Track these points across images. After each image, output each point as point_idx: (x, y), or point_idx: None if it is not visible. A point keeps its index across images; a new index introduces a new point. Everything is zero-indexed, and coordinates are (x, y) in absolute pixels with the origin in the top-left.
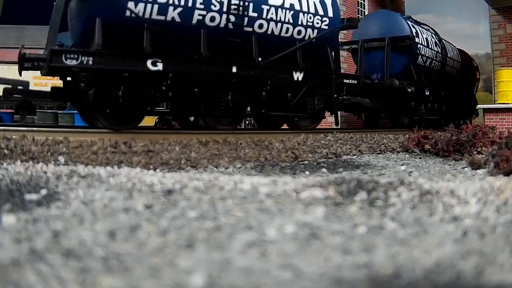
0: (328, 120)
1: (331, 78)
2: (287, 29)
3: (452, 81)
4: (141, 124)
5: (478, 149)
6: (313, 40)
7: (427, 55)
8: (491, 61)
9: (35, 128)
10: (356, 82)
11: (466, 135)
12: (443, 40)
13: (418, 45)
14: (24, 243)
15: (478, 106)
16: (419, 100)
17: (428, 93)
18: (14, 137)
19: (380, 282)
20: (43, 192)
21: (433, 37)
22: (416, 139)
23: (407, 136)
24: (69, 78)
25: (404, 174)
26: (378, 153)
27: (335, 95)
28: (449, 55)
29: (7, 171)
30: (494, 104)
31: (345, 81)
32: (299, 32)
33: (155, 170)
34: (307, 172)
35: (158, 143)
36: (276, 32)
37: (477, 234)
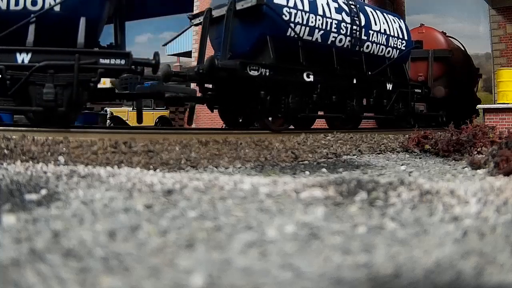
0: None
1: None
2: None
3: (390, 69)
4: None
5: (478, 149)
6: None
7: (310, 24)
8: (491, 61)
9: (35, 128)
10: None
11: (466, 135)
12: (367, 8)
13: (284, 8)
14: (24, 243)
15: (478, 106)
16: (286, 90)
17: (311, 79)
18: (14, 137)
19: (380, 282)
20: (43, 192)
21: (334, 1)
22: (416, 139)
23: (407, 136)
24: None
25: (404, 174)
26: (378, 153)
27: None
28: (375, 29)
29: (7, 171)
30: (494, 104)
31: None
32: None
33: (155, 170)
34: (307, 172)
35: (158, 143)
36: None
37: (477, 234)
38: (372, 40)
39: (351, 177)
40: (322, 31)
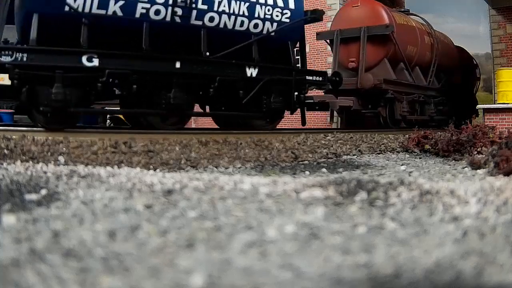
0: (328, 120)
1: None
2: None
3: (259, 48)
4: None
5: (478, 149)
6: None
7: None
8: (491, 61)
9: (35, 128)
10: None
11: (466, 135)
12: None
13: None
14: (24, 243)
15: (478, 106)
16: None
17: (94, 63)
18: (14, 137)
19: (380, 282)
20: (43, 192)
21: None
22: (416, 139)
23: (407, 136)
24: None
25: (404, 174)
26: (378, 153)
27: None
28: None
29: (7, 171)
30: (494, 104)
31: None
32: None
33: (155, 170)
34: (307, 172)
35: (158, 143)
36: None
37: (477, 234)
38: (220, 9)
39: (351, 177)
40: (122, 2)
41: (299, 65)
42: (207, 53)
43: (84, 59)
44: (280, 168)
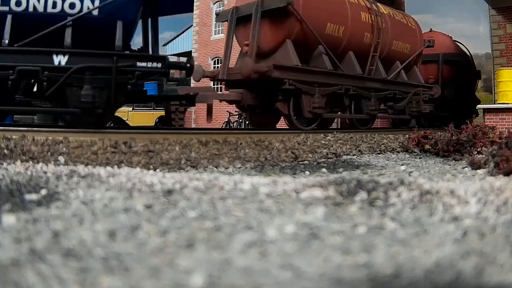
0: None
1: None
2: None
3: (79, 32)
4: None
5: (478, 149)
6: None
7: None
8: (491, 61)
9: (35, 128)
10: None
11: (466, 135)
12: None
13: None
14: (24, 243)
15: (478, 106)
16: None
17: None
18: (14, 137)
19: (380, 282)
20: (43, 192)
21: None
22: (416, 139)
23: (407, 136)
24: None
25: (404, 174)
26: (378, 153)
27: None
28: None
29: (7, 171)
30: (494, 104)
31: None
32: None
33: (155, 170)
34: (307, 172)
35: (158, 143)
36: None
37: (477, 234)
38: None
39: (351, 177)
40: None
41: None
42: (7, 41)
43: None
44: (280, 168)
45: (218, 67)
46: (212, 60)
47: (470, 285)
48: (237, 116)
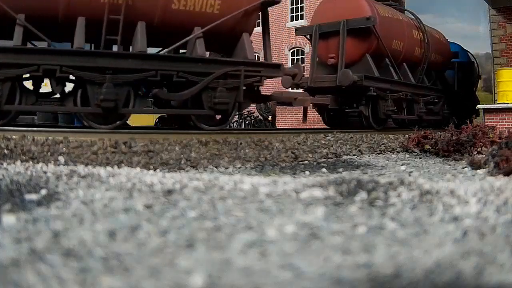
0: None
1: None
2: None
3: None
4: (140, 124)
5: (478, 149)
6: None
7: None
8: (491, 61)
9: (35, 128)
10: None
11: (466, 135)
12: None
13: None
14: (24, 243)
15: (478, 106)
16: None
17: None
18: (14, 137)
19: (380, 282)
20: (43, 192)
21: None
22: (416, 139)
23: (407, 136)
24: None
25: (404, 174)
26: (378, 153)
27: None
28: None
29: (7, 171)
30: (494, 104)
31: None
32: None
33: (155, 170)
34: (307, 172)
35: (158, 143)
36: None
37: (477, 234)
38: None
39: (351, 177)
40: None
41: None
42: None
43: None
44: (280, 168)
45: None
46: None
47: (470, 285)
48: (237, 116)
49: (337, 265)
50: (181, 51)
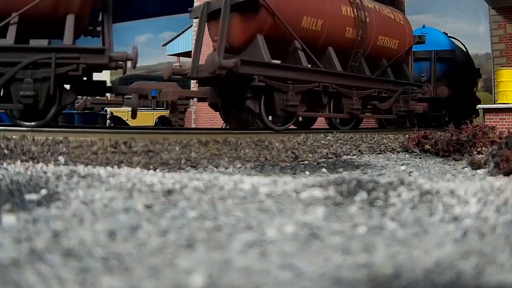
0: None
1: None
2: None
3: None
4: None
5: (478, 149)
6: None
7: None
8: (491, 61)
9: (35, 128)
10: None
11: (466, 135)
12: None
13: None
14: (24, 243)
15: (478, 106)
16: None
17: None
18: (14, 137)
19: (380, 282)
20: (43, 192)
21: None
22: (416, 139)
23: (407, 136)
24: None
25: (404, 174)
26: (378, 153)
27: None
28: None
29: (7, 171)
30: (494, 104)
31: None
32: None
33: (155, 170)
34: (307, 172)
35: (158, 143)
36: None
37: (477, 234)
38: None
39: (351, 177)
40: None
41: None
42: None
43: None
44: (280, 168)
45: None
46: None
47: (470, 285)
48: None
49: (337, 265)
50: None
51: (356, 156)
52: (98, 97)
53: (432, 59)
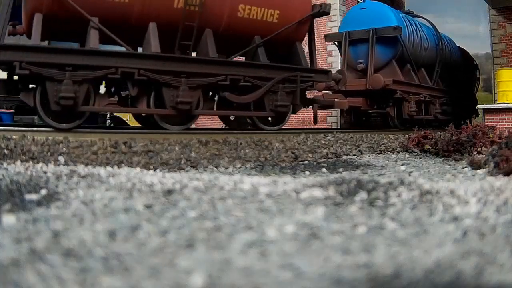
0: (328, 120)
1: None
2: None
3: None
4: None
5: (478, 149)
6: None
7: None
8: (491, 61)
9: (35, 128)
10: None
11: (466, 135)
12: None
13: None
14: (24, 243)
15: (478, 106)
16: None
17: None
18: (14, 137)
19: (380, 282)
20: (43, 192)
21: None
22: (416, 139)
23: (407, 136)
24: None
25: (404, 174)
26: (378, 153)
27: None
28: None
29: (7, 171)
30: (494, 104)
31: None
32: None
33: (155, 170)
34: (307, 172)
35: (158, 143)
36: None
37: (477, 234)
38: None
39: (351, 177)
40: None
41: None
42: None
43: None
44: (280, 168)
45: None
46: None
47: (470, 285)
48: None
49: (337, 265)
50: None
51: (356, 156)
52: None
53: (370, 39)
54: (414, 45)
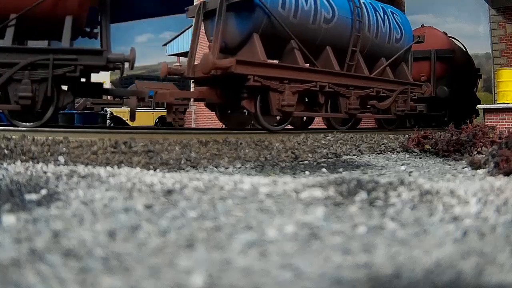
0: None
1: None
2: None
3: None
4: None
5: (478, 149)
6: None
7: None
8: (491, 61)
9: (35, 128)
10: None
11: (466, 135)
12: None
13: None
14: (24, 243)
15: (478, 106)
16: None
17: None
18: (14, 137)
19: (380, 282)
20: (43, 192)
21: None
22: (416, 139)
23: (407, 136)
24: None
25: (404, 174)
26: (378, 153)
27: None
28: None
29: (7, 171)
30: (494, 104)
31: None
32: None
33: (155, 170)
34: (307, 172)
35: (158, 143)
36: None
37: (477, 234)
38: None
39: (351, 177)
40: None
41: None
42: None
43: None
44: (280, 168)
45: None
46: None
47: (470, 285)
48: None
49: (337, 265)
50: None
51: (356, 156)
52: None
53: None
54: (298, 15)
